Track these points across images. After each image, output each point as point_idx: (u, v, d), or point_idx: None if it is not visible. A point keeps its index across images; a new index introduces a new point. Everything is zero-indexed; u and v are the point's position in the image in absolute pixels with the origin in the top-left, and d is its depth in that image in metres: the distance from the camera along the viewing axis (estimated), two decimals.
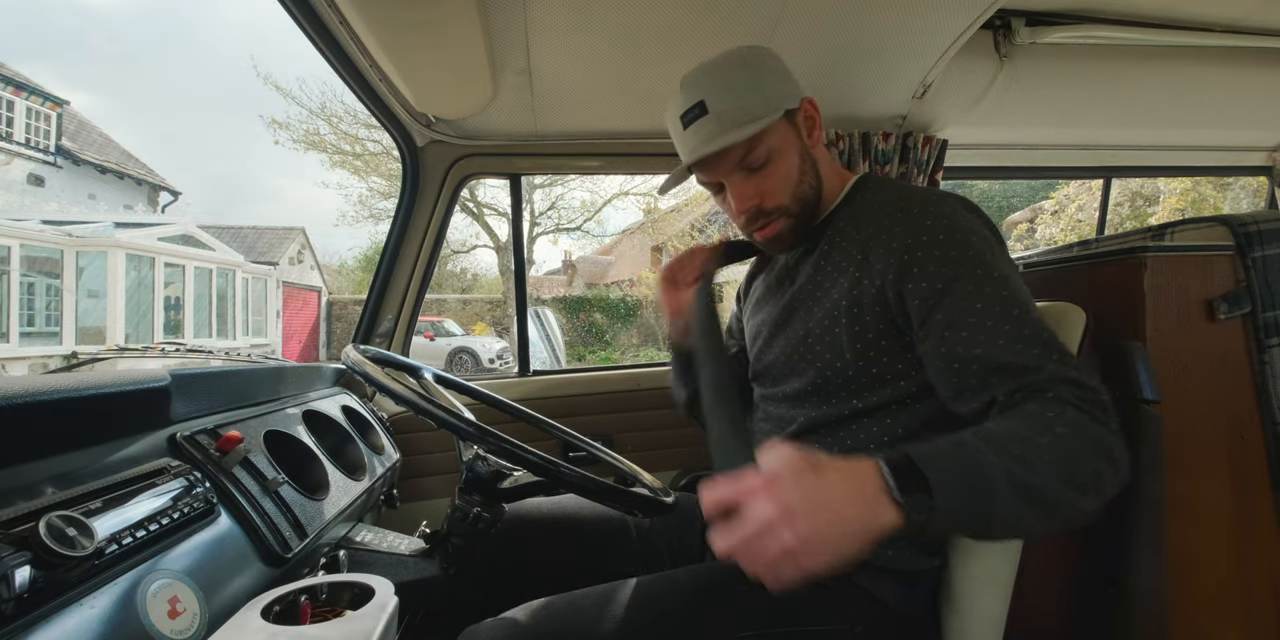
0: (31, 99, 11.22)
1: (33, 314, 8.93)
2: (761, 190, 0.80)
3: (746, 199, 0.80)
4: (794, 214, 0.81)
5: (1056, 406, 0.57)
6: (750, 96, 0.77)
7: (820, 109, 0.83)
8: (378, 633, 0.54)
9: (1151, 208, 6.76)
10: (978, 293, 0.66)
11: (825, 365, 0.78)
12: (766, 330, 0.89)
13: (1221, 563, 0.86)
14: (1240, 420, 0.86)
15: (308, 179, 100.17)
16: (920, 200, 0.74)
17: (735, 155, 0.77)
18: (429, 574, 0.90)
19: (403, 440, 1.33)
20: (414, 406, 0.69)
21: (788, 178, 0.79)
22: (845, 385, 0.77)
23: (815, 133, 0.82)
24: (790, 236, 0.83)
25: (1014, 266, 0.71)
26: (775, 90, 0.78)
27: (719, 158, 0.77)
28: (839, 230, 0.81)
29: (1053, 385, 0.60)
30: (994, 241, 0.72)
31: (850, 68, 1.28)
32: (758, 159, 0.77)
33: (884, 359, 0.74)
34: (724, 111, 0.76)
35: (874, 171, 1.46)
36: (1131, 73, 1.49)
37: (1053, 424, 0.55)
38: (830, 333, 0.77)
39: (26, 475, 0.53)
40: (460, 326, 14.22)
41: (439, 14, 0.95)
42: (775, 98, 0.78)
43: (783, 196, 0.80)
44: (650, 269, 15.87)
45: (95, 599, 0.49)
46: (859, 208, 0.81)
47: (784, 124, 0.79)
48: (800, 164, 0.80)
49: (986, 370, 0.64)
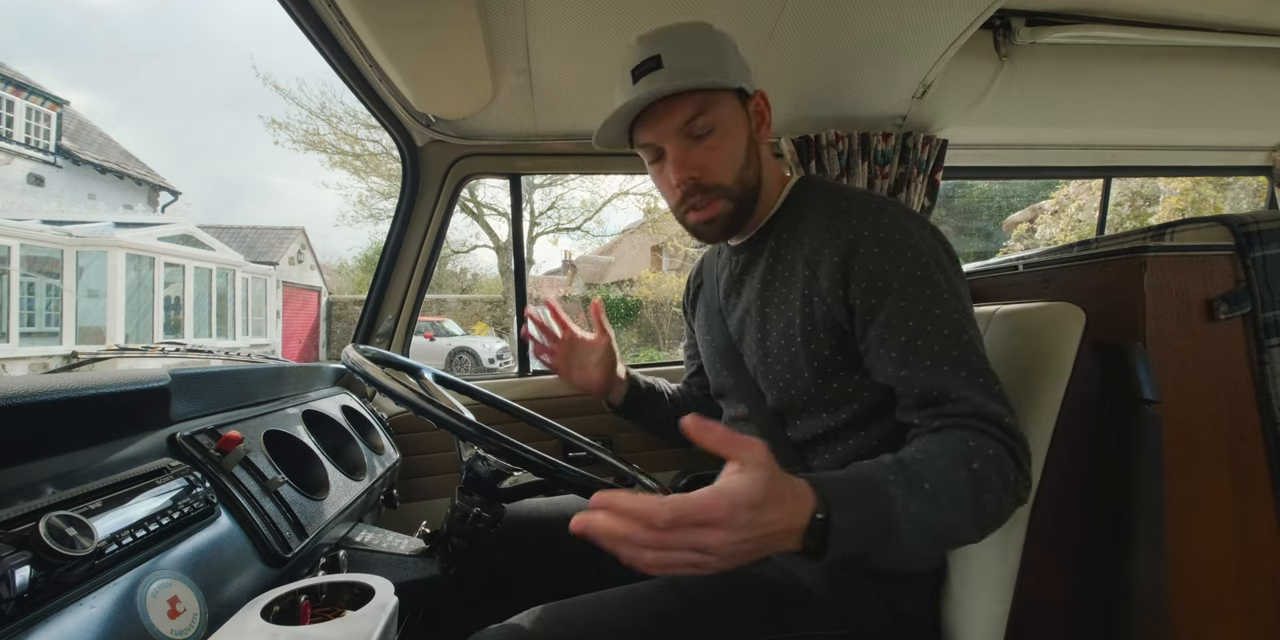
0: (31, 99, 11.22)
1: (33, 314, 8.93)
2: (703, 162, 0.75)
3: (686, 168, 0.75)
4: (734, 198, 0.77)
5: (977, 439, 0.60)
6: (709, 59, 0.74)
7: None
8: (378, 633, 0.54)
9: (1151, 208, 6.76)
10: (910, 310, 0.66)
11: (787, 385, 0.77)
12: (721, 354, 0.88)
13: (1221, 563, 0.86)
14: (1240, 420, 0.86)
15: (308, 179, 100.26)
16: (859, 209, 0.72)
17: (681, 114, 0.73)
18: (429, 574, 0.90)
19: (403, 440, 1.33)
20: (414, 406, 0.69)
21: (732, 155, 0.76)
22: (809, 404, 0.76)
23: (764, 128, 0.80)
24: (726, 222, 0.79)
25: (954, 277, 0.69)
26: (732, 67, 0.75)
27: (664, 114, 0.74)
28: (782, 241, 0.79)
29: (973, 419, 0.62)
30: (935, 251, 0.70)
31: (850, 68, 1.28)
32: (703, 126, 0.74)
33: (842, 373, 0.74)
34: (680, 68, 0.73)
35: (874, 172, 1.46)
36: (1131, 73, 1.49)
37: (971, 458, 0.58)
38: (787, 352, 0.76)
39: (26, 475, 0.53)
40: (460, 326, 14.22)
41: (439, 14, 0.96)
42: (732, 73, 0.75)
43: (725, 174, 0.76)
44: (650, 269, 15.86)
45: (95, 599, 0.49)
46: (800, 216, 0.79)
47: (734, 100, 0.76)
48: (747, 147, 0.77)
49: (910, 394, 0.66)
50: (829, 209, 0.75)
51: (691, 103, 0.73)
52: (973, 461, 0.58)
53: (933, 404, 0.65)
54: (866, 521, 0.53)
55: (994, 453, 0.59)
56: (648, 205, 14.30)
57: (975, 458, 0.58)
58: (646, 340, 13.43)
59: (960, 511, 0.56)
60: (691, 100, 0.73)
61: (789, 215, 0.80)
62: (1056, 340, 0.78)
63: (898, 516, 0.54)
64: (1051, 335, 0.79)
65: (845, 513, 0.52)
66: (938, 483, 0.56)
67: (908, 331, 0.66)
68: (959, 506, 0.56)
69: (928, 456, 0.59)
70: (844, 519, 0.52)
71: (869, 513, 0.54)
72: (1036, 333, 0.81)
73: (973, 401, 0.62)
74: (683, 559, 0.45)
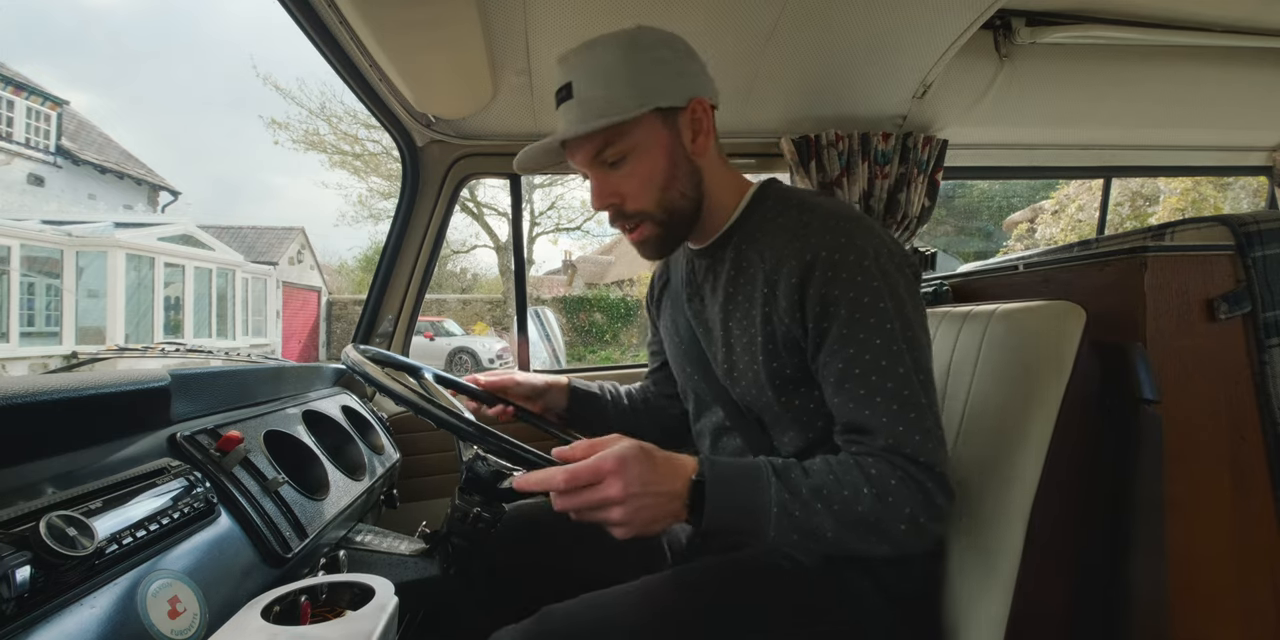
0: (31, 99, 11.22)
1: (33, 314, 8.93)
2: (620, 190, 0.75)
3: (603, 196, 0.76)
4: (659, 221, 0.76)
5: (880, 467, 0.64)
6: (618, 87, 0.71)
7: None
8: (378, 633, 0.54)
9: (1151, 208, 6.76)
10: (850, 338, 0.67)
11: (754, 399, 0.78)
12: (689, 357, 0.88)
13: (1221, 563, 0.86)
14: (1240, 420, 0.86)
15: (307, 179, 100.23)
16: (819, 227, 0.70)
17: (590, 147, 0.73)
18: (429, 574, 0.90)
19: (403, 440, 1.32)
20: (414, 406, 0.69)
21: (649, 180, 0.74)
22: (779, 419, 0.77)
23: (701, 138, 0.75)
24: (659, 244, 0.79)
25: (906, 302, 0.68)
26: (650, 85, 0.71)
27: (576, 147, 0.74)
28: (741, 252, 0.78)
29: (886, 453, 0.65)
30: (888, 274, 0.68)
31: (850, 68, 1.28)
32: (613, 155, 0.73)
33: (803, 390, 0.75)
34: (587, 99, 0.71)
35: (874, 172, 1.46)
36: (1131, 73, 1.49)
37: (862, 482, 0.64)
38: (751, 369, 0.77)
39: (26, 475, 0.53)
40: (460, 326, 14.22)
41: (439, 14, 0.96)
42: (648, 93, 0.71)
43: (644, 201, 0.75)
44: (650, 269, 15.84)
45: (95, 599, 0.49)
46: (760, 226, 0.77)
47: (653, 122, 0.73)
48: (669, 168, 0.74)
49: (839, 421, 0.70)
50: (790, 223, 0.73)
51: (597, 136, 0.72)
52: (863, 485, 0.63)
53: (854, 433, 0.68)
54: (736, 494, 0.62)
55: (895, 484, 0.63)
56: None
57: (868, 482, 0.63)
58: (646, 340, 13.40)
59: (833, 521, 0.62)
60: (597, 134, 0.72)
61: (748, 225, 0.79)
62: (1057, 340, 0.78)
63: (766, 500, 0.62)
64: (1051, 335, 0.79)
65: (719, 485, 0.62)
66: (816, 487, 0.63)
67: (845, 359, 0.67)
68: (832, 516, 0.62)
69: (820, 466, 0.66)
70: (718, 488, 0.62)
71: (741, 487, 0.63)
72: (1036, 332, 0.81)
73: (889, 438, 0.65)
74: (592, 511, 0.60)
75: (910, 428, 0.65)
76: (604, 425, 1.06)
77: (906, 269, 0.71)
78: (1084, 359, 0.76)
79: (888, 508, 0.62)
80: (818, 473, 0.65)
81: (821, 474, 0.65)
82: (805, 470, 0.66)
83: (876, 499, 0.63)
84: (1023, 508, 0.73)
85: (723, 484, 0.62)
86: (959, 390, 0.89)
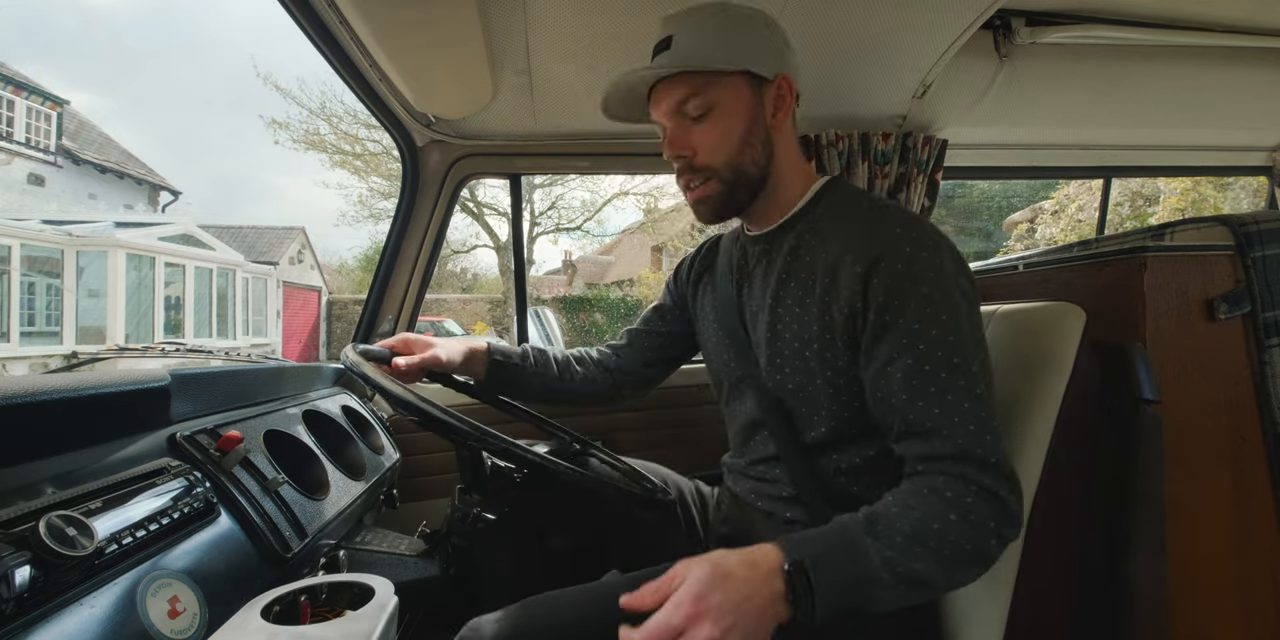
0: (32, 98, 11.23)
1: (33, 314, 8.93)
2: (695, 142, 0.76)
3: (677, 146, 0.77)
4: (725, 181, 0.77)
5: (957, 487, 0.61)
6: (716, 45, 0.74)
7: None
8: (378, 633, 0.54)
9: (1151, 208, 6.76)
10: (923, 333, 0.65)
11: (798, 387, 0.76)
12: (735, 345, 0.86)
13: (1221, 563, 0.86)
14: (1240, 420, 0.86)
15: (308, 179, 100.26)
16: (892, 222, 0.71)
17: (676, 95, 0.75)
18: (429, 574, 0.90)
19: (403, 440, 1.32)
20: (412, 407, 0.69)
21: (725, 138, 0.75)
22: (819, 408, 0.76)
23: (781, 114, 0.78)
24: (718, 204, 0.79)
25: (974, 306, 0.68)
26: (745, 49, 0.75)
27: (663, 93, 0.76)
28: (804, 241, 0.78)
29: (956, 463, 0.62)
30: (958, 277, 0.68)
31: (850, 68, 1.28)
32: (697, 107, 0.74)
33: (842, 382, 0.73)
34: (685, 50, 0.74)
35: (874, 172, 1.46)
36: (1131, 73, 1.49)
37: (949, 509, 0.59)
38: (800, 356, 0.75)
39: (26, 475, 0.53)
40: (460, 326, 14.22)
41: (439, 14, 0.96)
42: (741, 56, 0.74)
43: (716, 157, 0.76)
44: (650, 269, 15.87)
45: (95, 599, 0.49)
46: (825, 219, 0.77)
47: (741, 83, 0.75)
48: (747, 132, 0.76)
49: (904, 423, 0.66)
50: (861, 216, 0.74)
51: (685, 84, 0.74)
52: (948, 512, 0.59)
53: (920, 436, 0.64)
54: (840, 565, 0.55)
55: (972, 501, 0.60)
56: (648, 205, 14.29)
57: (950, 507, 0.60)
58: None
59: (934, 561, 0.58)
60: (687, 81, 0.74)
61: (813, 215, 0.79)
62: (1057, 340, 0.78)
63: (872, 565, 0.56)
64: (1052, 335, 0.79)
65: (819, 561, 0.55)
66: (909, 532, 0.58)
67: (917, 355, 0.65)
68: (932, 556, 0.58)
69: (898, 504, 0.61)
70: (819, 566, 0.55)
71: (841, 558, 0.56)
72: (1037, 333, 0.81)
73: (960, 441, 0.62)
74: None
75: (981, 428, 0.62)
76: (522, 394, 1.04)
77: (969, 276, 0.71)
78: (1084, 359, 0.76)
79: (974, 528, 0.59)
80: (900, 515, 0.60)
81: (904, 514, 0.60)
82: (890, 516, 0.60)
83: (963, 522, 0.59)
84: (1022, 507, 0.73)
85: (822, 563, 0.56)
86: None
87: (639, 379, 1.07)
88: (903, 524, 0.59)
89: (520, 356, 1.01)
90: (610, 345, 1.10)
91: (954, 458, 0.62)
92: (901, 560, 0.57)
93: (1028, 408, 0.76)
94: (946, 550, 0.58)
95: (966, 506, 0.59)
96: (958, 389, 0.63)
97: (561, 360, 1.05)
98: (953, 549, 0.58)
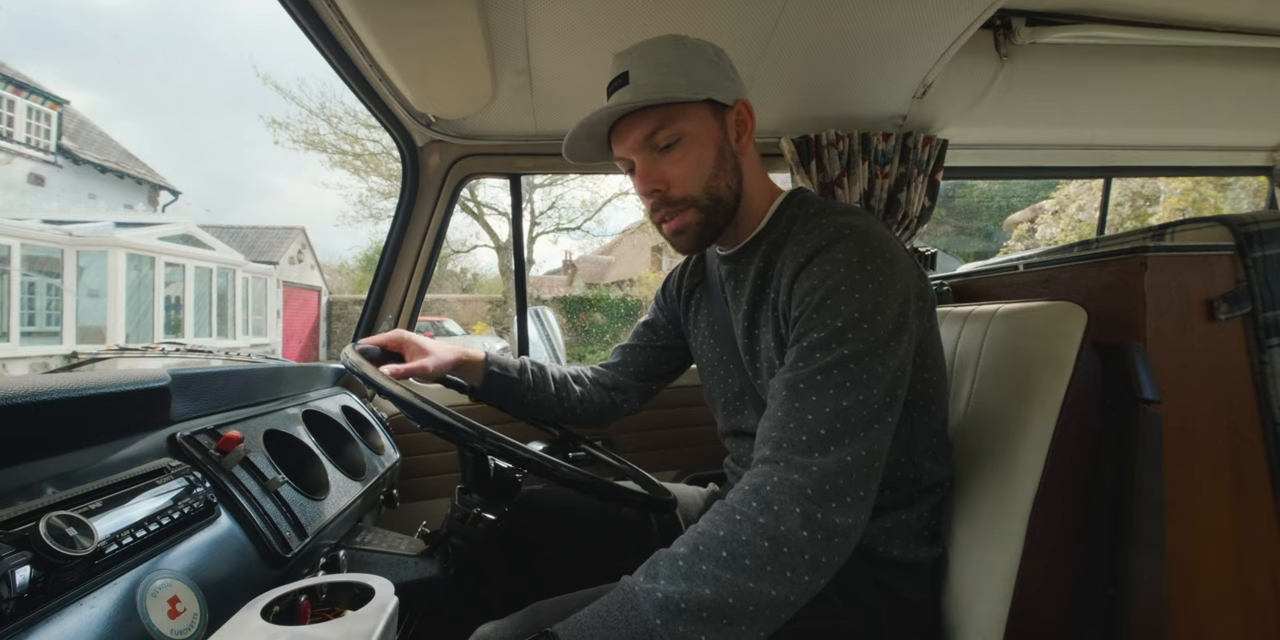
0: (32, 98, 11.22)
1: (33, 313, 8.93)
2: (667, 175, 0.76)
3: (650, 180, 0.76)
4: (704, 208, 0.76)
5: (757, 479, 0.58)
6: (673, 76, 0.74)
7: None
8: (378, 633, 0.54)
9: (1152, 208, 6.76)
10: (821, 346, 0.63)
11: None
12: (734, 360, 0.87)
13: (1221, 563, 0.86)
14: (1240, 420, 0.86)
15: (308, 179, 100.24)
16: (821, 229, 0.69)
17: (643, 128, 0.74)
18: (429, 574, 0.90)
19: (403, 440, 1.33)
20: (411, 407, 0.69)
21: (697, 167, 0.75)
22: None
23: (744, 138, 0.78)
24: (696, 233, 0.78)
25: (896, 331, 0.64)
26: (702, 78, 0.75)
27: (627, 128, 0.75)
28: (769, 261, 0.78)
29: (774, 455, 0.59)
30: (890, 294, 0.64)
31: (850, 68, 1.28)
32: (666, 138, 0.74)
33: None
34: (643, 85, 0.74)
35: (874, 172, 1.46)
36: (1132, 73, 1.49)
37: (742, 504, 0.57)
38: (773, 371, 0.74)
39: (26, 475, 0.53)
40: (460, 326, 14.22)
41: (439, 14, 0.95)
42: (700, 84, 0.74)
43: (691, 186, 0.75)
44: (650, 269, 15.86)
45: (95, 599, 0.49)
46: (784, 233, 0.78)
47: (704, 112, 0.75)
48: (718, 158, 0.76)
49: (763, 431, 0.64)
50: (802, 226, 0.74)
51: (653, 117, 0.74)
52: (743, 508, 0.57)
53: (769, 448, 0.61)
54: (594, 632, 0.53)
55: (770, 489, 0.57)
56: None
57: (745, 503, 0.57)
58: None
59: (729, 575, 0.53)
60: (653, 114, 0.74)
61: (775, 232, 0.79)
62: (1057, 340, 0.78)
63: (641, 611, 0.53)
64: (1052, 335, 0.79)
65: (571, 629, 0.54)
66: (689, 551, 0.56)
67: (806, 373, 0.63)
68: (724, 569, 0.53)
69: (691, 530, 0.58)
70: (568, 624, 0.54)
71: (597, 623, 0.53)
72: (1037, 332, 0.81)
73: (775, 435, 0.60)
74: None
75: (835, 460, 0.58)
76: (514, 408, 1.02)
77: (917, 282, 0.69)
78: (1084, 359, 0.76)
79: (777, 518, 0.55)
80: (686, 538, 0.58)
81: (690, 536, 0.57)
82: (674, 546, 0.58)
83: (764, 513, 0.55)
84: (1023, 507, 0.73)
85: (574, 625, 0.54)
86: (960, 390, 0.89)
87: (638, 394, 1.07)
88: (684, 547, 0.56)
89: (518, 370, 1.00)
90: (606, 365, 1.10)
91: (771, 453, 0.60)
92: (684, 594, 0.52)
93: (1028, 408, 0.76)
94: (746, 557, 0.53)
95: (764, 494, 0.56)
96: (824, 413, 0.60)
97: (559, 379, 1.03)
98: (751, 552, 0.54)
